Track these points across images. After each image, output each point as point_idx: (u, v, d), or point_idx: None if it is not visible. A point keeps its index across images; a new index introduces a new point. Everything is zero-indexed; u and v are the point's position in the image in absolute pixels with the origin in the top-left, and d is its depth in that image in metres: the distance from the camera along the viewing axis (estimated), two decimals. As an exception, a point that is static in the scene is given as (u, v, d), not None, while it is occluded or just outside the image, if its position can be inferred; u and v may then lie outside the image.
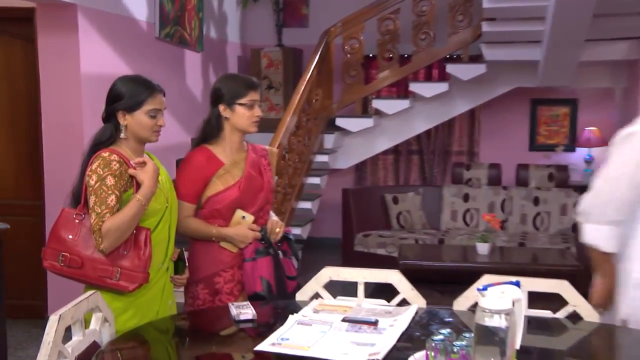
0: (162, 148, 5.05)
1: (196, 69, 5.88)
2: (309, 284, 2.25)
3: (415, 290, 2.17)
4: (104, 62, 4.33)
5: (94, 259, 2.09)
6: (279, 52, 6.65)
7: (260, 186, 2.49)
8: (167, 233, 2.26)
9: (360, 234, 5.75)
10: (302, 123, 5.10)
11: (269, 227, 2.47)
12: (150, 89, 2.20)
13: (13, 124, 4.42)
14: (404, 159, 7.16)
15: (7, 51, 4.38)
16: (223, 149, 2.47)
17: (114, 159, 2.10)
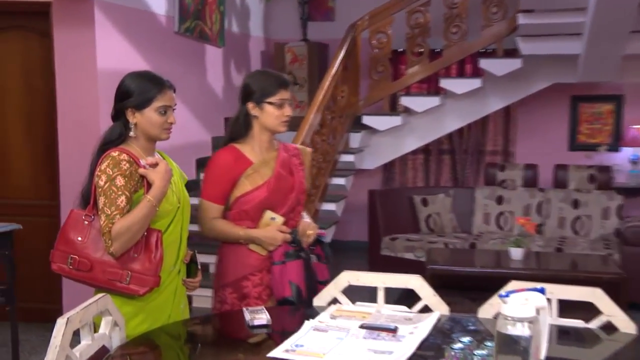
0: (180, 147, 5.17)
1: (217, 65, 5.93)
2: (327, 288, 2.25)
3: (437, 297, 2.15)
4: (121, 57, 4.39)
5: (103, 262, 2.11)
6: (303, 47, 6.68)
7: (291, 186, 2.49)
8: (178, 234, 2.28)
9: (387, 237, 5.73)
10: (326, 121, 5.10)
11: (301, 229, 2.47)
12: (160, 85, 2.20)
13: (29, 122, 4.52)
14: (435, 159, 7.12)
15: (24, 46, 4.48)
16: (252, 148, 2.49)
17: (124, 159, 2.12)
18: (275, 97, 2.42)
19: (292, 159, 2.54)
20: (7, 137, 4.56)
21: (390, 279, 2.20)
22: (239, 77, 6.35)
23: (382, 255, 5.69)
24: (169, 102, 2.22)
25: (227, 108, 6.06)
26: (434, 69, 5.98)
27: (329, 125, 5.19)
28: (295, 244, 2.45)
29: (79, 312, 1.82)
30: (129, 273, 2.11)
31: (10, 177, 4.59)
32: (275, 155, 2.50)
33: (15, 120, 4.54)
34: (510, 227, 5.93)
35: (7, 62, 4.51)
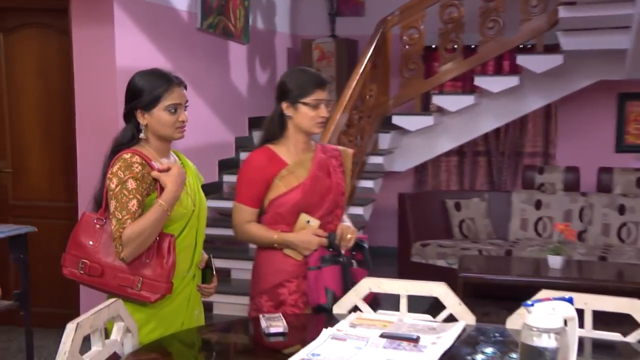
0: (202, 148, 5.23)
1: (241, 63, 5.97)
2: (348, 295, 2.26)
3: (463, 305, 2.14)
4: (141, 55, 4.46)
5: (114, 267, 2.13)
6: (331, 44, 6.70)
7: (328, 188, 2.49)
8: (193, 239, 2.29)
9: (417, 243, 5.71)
10: (353, 121, 5.11)
11: (339, 233, 2.47)
12: (167, 82, 2.20)
13: (47, 122, 4.62)
14: (469, 161, 7.08)
15: (42, 44, 4.57)
16: (287, 149, 2.50)
17: (136, 161, 2.13)
18: (311, 97, 2.42)
19: (331, 160, 2.54)
20: (25, 137, 4.67)
21: (413, 287, 2.20)
22: (264, 75, 6.40)
23: (412, 261, 5.67)
24: (179, 100, 2.22)
25: (251, 107, 6.10)
26: (469, 66, 5.94)
27: (357, 125, 5.19)
28: (333, 249, 2.45)
29: (89, 317, 1.85)
30: (140, 279, 2.13)
31: (27, 178, 4.69)
32: (311, 156, 2.51)
33: (33, 120, 4.64)
34: (550, 233, 5.86)
35: (24, 61, 4.61)
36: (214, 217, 5.37)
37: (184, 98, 2.24)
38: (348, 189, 2.62)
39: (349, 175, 2.62)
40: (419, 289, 2.20)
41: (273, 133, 2.52)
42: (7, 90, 4.65)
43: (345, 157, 2.61)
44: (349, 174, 2.62)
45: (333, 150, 2.61)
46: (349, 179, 2.62)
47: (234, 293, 4.56)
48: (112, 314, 1.98)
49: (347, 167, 2.61)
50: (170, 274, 2.15)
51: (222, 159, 5.59)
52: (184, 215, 2.23)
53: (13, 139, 4.68)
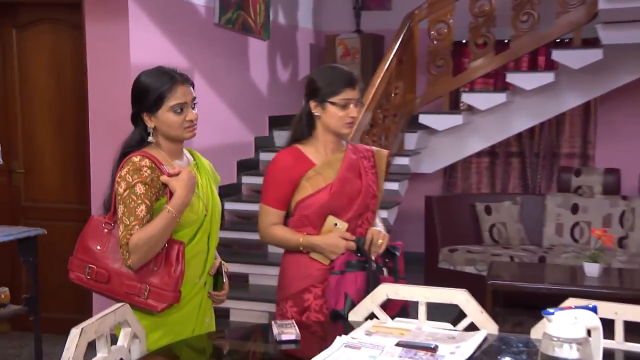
0: (220, 148, 5.27)
1: (261, 59, 6.01)
2: (364, 302, 2.26)
3: (485, 314, 2.12)
4: (157, 51, 4.51)
5: (121, 274, 2.16)
6: (356, 39, 6.71)
7: (358, 190, 2.50)
8: (205, 244, 2.30)
9: (445, 248, 5.68)
10: (377, 120, 5.11)
11: (369, 238, 2.47)
12: (169, 81, 2.20)
13: (60, 120, 4.69)
14: (502, 162, 7.03)
15: (55, 40, 4.65)
16: (316, 149, 2.52)
17: (145, 165, 2.15)
18: (339, 96, 2.43)
19: (362, 161, 2.55)
20: (37, 136, 4.75)
21: (432, 293, 2.19)
22: (285, 72, 6.42)
23: (439, 268, 5.65)
24: (184, 99, 2.21)
25: (272, 106, 6.13)
26: (501, 62, 5.90)
27: (381, 125, 5.19)
28: (361, 254, 2.46)
29: (95, 323, 1.87)
30: (147, 287, 2.14)
31: (40, 178, 4.78)
32: (341, 156, 2.52)
33: (46, 118, 4.72)
34: (587, 239, 5.79)
35: (37, 58, 4.70)
36: (232, 220, 5.41)
37: (189, 96, 2.23)
38: (381, 191, 2.62)
39: (383, 177, 2.62)
40: (439, 295, 2.19)
41: (301, 132, 2.54)
42: (20, 88, 4.74)
43: (379, 158, 2.62)
44: (382, 176, 2.62)
45: (366, 150, 2.61)
46: (382, 181, 2.62)
47: (251, 299, 4.59)
48: (119, 319, 2.00)
49: (381, 168, 2.61)
50: (178, 283, 2.15)
51: (241, 160, 5.62)
52: (195, 220, 2.24)
53: (25, 139, 4.77)
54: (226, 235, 5.11)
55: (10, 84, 4.74)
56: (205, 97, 5.07)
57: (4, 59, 4.73)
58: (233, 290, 4.56)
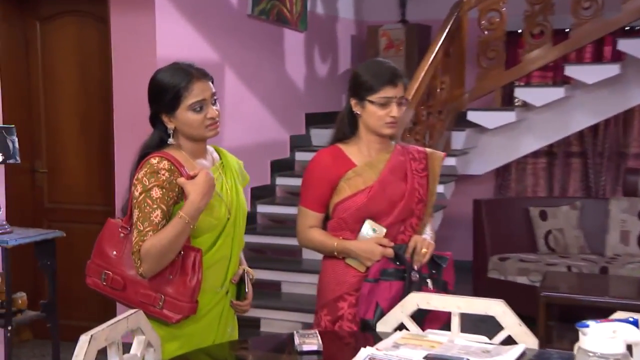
0: (252, 147, 5.32)
1: (298, 53, 6.05)
2: (393, 311, 2.27)
3: (524, 327, 2.11)
4: (184, 45, 4.58)
5: (136, 282, 2.19)
6: (401, 30, 6.70)
7: (401, 194, 2.51)
8: (228, 250, 2.32)
9: (495, 256, 5.63)
10: (421, 118, 5.09)
11: (411, 246, 2.47)
12: (186, 78, 2.20)
13: (85, 117, 4.80)
14: (561, 163, 6.94)
15: (80, 33, 4.76)
16: (359, 149, 2.55)
17: (164, 167, 2.17)
18: (378, 94, 2.44)
19: (410, 163, 2.55)
20: (61, 134, 4.87)
21: (466, 303, 2.18)
22: (323, 66, 6.45)
23: (489, 278, 5.60)
24: (202, 95, 2.22)
25: (309, 103, 6.17)
26: (559, 54, 5.81)
27: (425, 122, 5.18)
28: (400, 262, 2.46)
29: (105, 329, 1.92)
30: (162, 297, 2.17)
31: (63, 178, 4.89)
32: (387, 157, 2.54)
33: (69, 115, 4.83)
34: (657, 248, 5.67)
35: (61, 52, 4.81)
36: (264, 224, 5.46)
37: (208, 92, 2.24)
38: (433, 196, 2.60)
39: (436, 181, 2.60)
40: (473, 306, 2.19)
41: (343, 131, 2.57)
42: (43, 84, 4.86)
43: (433, 160, 2.61)
44: (436, 180, 2.60)
45: (417, 152, 2.61)
46: (435, 185, 2.60)
47: (284, 308, 4.62)
48: (132, 327, 2.04)
49: (435, 171, 2.60)
50: (194, 293, 2.17)
51: (275, 160, 5.66)
52: (216, 225, 2.26)
53: (49, 137, 4.89)
54: (258, 240, 5.16)
55: (34, 79, 4.87)
56: (237, 94, 5.13)
57: (27, 53, 4.86)
58: (264, 299, 4.70)
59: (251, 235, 5.15)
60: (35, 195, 4.95)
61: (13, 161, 3.43)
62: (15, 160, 3.44)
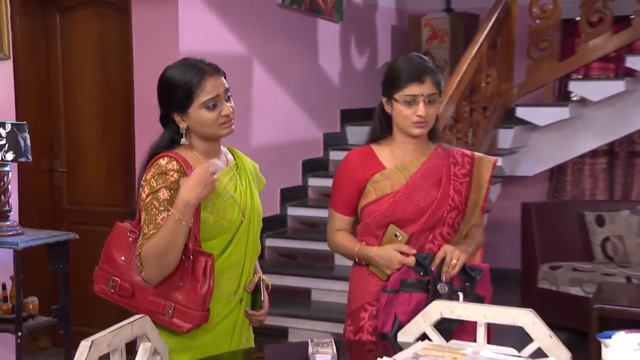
0: (282, 146, 5.38)
1: (332, 45, 6.09)
2: (415, 320, 2.29)
3: (555, 338, 2.11)
4: (209, 37, 4.64)
5: (145, 289, 2.22)
6: (445, 20, 6.69)
7: (431, 200, 2.50)
8: (241, 256, 2.35)
9: (546, 265, 5.59)
10: (462, 114, 5.08)
11: (440, 255, 2.46)
12: (198, 74, 2.24)
13: (105, 114, 4.91)
14: (622, 163, 6.83)
15: (100, 25, 4.87)
16: (391, 151, 2.57)
17: (172, 168, 2.21)
18: (402, 92, 2.45)
19: (449, 168, 2.54)
20: (81, 132, 4.98)
21: (492, 312, 2.19)
22: (361, 59, 6.47)
23: (538, 288, 5.56)
24: (216, 91, 2.25)
25: (344, 98, 6.20)
26: (620, 43, 5.76)
27: (467, 119, 5.16)
28: (425, 272, 2.45)
29: (107, 335, 1.97)
30: (172, 305, 2.20)
31: (83, 178, 5.00)
32: (422, 160, 2.54)
33: (90, 111, 4.94)
34: None
35: (82, 45, 4.92)
36: (295, 228, 5.51)
37: (221, 88, 2.27)
38: (476, 204, 2.56)
39: (483, 189, 2.57)
40: (500, 315, 2.19)
41: (375, 131, 2.61)
42: (63, 78, 4.98)
43: (482, 166, 2.58)
44: (481, 188, 2.57)
45: (462, 155, 2.59)
46: (481, 193, 2.57)
47: (313, 318, 4.65)
48: (137, 333, 2.09)
49: (482, 178, 2.57)
50: (205, 301, 2.19)
51: (308, 159, 5.70)
52: (227, 228, 2.29)
53: (68, 134, 5.01)
54: (288, 244, 5.21)
55: (54, 73, 4.99)
56: (266, 89, 5.19)
57: (47, 46, 4.98)
58: (293, 307, 4.75)
59: (281, 239, 5.20)
60: (54, 195, 5.08)
61: (25, 159, 3.52)
62: (26, 158, 3.54)
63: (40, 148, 4.97)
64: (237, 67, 4.79)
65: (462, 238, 2.58)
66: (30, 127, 4.87)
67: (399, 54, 7.00)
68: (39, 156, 4.96)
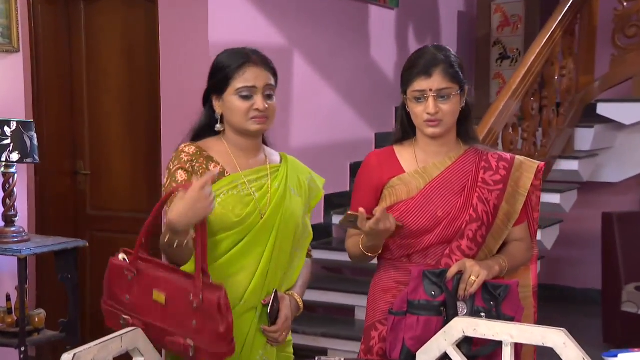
0: (327, 147, 5.42)
1: (387, 34, 6.12)
2: (435, 339, 2.31)
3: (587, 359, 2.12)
4: (243, 28, 4.73)
5: (160, 329, 2.27)
6: (519, 4, 6.67)
7: (449, 210, 2.52)
8: (255, 261, 2.41)
9: (631, 285, 5.50)
10: (529, 112, 5.04)
11: (453, 271, 2.44)
12: (242, 59, 2.40)
13: (131, 112, 5.06)
14: None
15: (127, 15, 5.02)
16: (413, 153, 2.60)
17: (188, 152, 2.40)
18: (411, 88, 2.48)
19: (478, 173, 2.54)
20: (106, 131, 5.14)
21: (519, 332, 2.21)
22: (420, 50, 6.47)
23: (622, 312, 5.46)
24: (254, 82, 2.39)
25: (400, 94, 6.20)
26: None
27: (535, 117, 5.11)
28: (436, 291, 2.43)
29: (93, 348, 2.06)
30: (192, 344, 2.22)
31: (107, 182, 5.17)
32: (446, 164, 2.55)
33: (115, 109, 5.10)
34: None
35: (106, 36, 5.08)
36: (342, 238, 5.54)
37: (262, 81, 2.40)
38: (510, 217, 2.54)
39: (522, 197, 2.53)
40: (528, 335, 2.20)
41: (399, 131, 2.64)
42: (87, 73, 5.15)
43: (522, 172, 2.56)
44: (519, 197, 2.53)
45: (498, 159, 2.58)
46: (519, 202, 2.54)
47: (355, 338, 4.65)
48: (128, 346, 2.19)
49: (522, 186, 2.54)
50: (227, 337, 2.20)
51: (357, 162, 5.73)
52: (234, 224, 2.37)
53: (92, 133, 5.17)
54: (334, 257, 5.23)
55: (77, 67, 5.17)
56: (309, 85, 5.25)
57: (70, 37, 5.16)
58: (334, 326, 4.78)
59: (325, 250, 5.23)
60: (77, 200, 5.25)
61: (31, 160, 3.66)
62: (33, 159, 3.67)
63: (62, 149, 5.18)
64: (276, 60, 4.69)
65: (492, 254, 2.55)
66: (51, 125, 5.07)
67: (467, 43, 7.02)
68: (60, 157, 5.17)
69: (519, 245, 2.60)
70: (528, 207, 2.59)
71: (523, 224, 2.60)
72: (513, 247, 2.59)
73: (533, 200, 2.60)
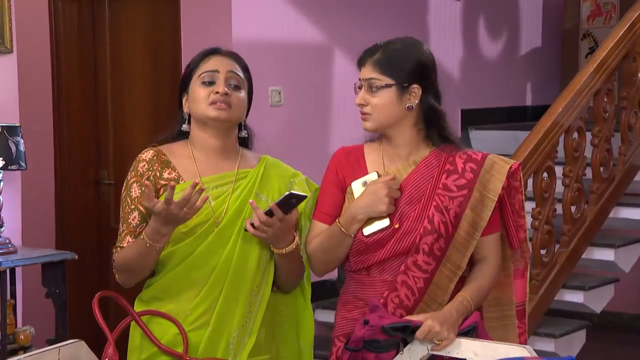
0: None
1: (451, 28, 6.20)
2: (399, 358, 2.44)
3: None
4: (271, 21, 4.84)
5: None
6: (615, -9, 6.63)
7: (402, 221, 2.55)
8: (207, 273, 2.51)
9: None
10: (600, 114, 5.01)
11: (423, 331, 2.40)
12: (209, 52, 2.62)
13: (156, 117, 5.26)
14: None
15: (150, 14, 5.26)
16: (379, 152, 2.68)
17: (144, 158, 2.56)
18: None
19: (442, 178, 2.57)
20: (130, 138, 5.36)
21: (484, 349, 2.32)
22: (493, 45, 6.44)
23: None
24: (216, 66, 2.57)
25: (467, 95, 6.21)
26: None
27: (609, 120, 5.08)
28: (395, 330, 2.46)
29: (28, 359, 2.25)
30: None
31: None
32: (409, 171, 2.60)
33: (140, 114, 5.33)
34: None
35: (131, 36, 5.33)
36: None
37: (225, 66, 2.58)
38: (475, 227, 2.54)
39: (491, 203, 2.53)
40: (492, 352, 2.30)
41: None
42: (111, 75, 5.41)
43: (491, 174, 2.57)
44: (489, 202, 2.54)
45: (466, 159, 2.60)
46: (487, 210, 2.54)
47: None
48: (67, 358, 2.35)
49: (491, 189, 2.54)
50: None
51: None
52: (180, 235, 2.47)
53: (116, 139, 5.42)
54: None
55: (101, 68, 5.43)
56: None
57: (94, 37, 5.43)
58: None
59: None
60: (101, 212, 5.49)
61: (16, 167, 3.85)
62: (18, 166, 3.87)
63: (85, 156, 5.43)
64: (311, 58, 4.96)
65: (460, 269, 2.56)
66: (74, 130, 5.33)
67: (552, 37, 6.99)
68: (84, 165, 5.42)
69: (483, 270, 2.58)
70: (507, 214, 2.61)
71: (493, 235, 2.59)
72: (478, 276, 2.58)
73: (515, 204, 2.61)
